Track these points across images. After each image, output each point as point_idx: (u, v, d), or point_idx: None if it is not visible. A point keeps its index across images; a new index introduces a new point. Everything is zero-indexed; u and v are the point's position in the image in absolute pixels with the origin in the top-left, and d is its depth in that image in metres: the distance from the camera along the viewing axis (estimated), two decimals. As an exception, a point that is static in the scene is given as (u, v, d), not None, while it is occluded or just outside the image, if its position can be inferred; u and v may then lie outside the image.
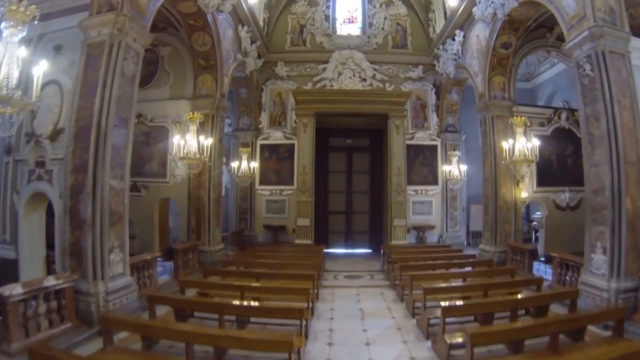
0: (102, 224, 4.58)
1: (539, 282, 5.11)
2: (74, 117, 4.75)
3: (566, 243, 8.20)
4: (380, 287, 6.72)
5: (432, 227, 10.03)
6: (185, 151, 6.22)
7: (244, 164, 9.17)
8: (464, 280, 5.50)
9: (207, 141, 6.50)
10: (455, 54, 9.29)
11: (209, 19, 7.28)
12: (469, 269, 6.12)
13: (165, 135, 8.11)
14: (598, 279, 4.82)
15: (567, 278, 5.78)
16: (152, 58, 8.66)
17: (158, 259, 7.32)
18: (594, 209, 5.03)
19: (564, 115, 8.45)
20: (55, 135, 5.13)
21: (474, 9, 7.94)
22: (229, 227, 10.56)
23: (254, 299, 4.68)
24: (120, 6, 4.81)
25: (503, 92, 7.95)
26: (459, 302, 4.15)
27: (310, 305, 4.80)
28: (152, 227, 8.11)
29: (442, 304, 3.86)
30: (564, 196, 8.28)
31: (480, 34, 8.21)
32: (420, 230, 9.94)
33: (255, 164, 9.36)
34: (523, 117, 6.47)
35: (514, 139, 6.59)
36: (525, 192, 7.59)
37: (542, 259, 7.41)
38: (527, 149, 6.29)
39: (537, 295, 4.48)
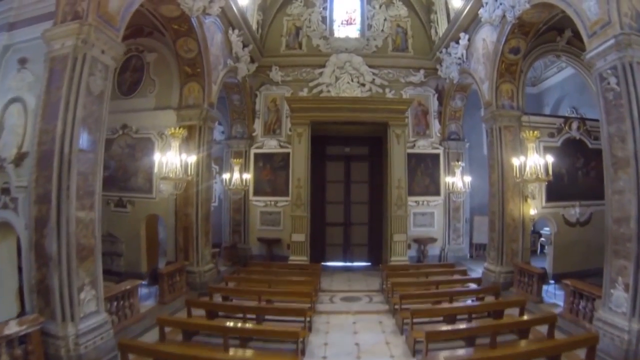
0: (69, 260, 4.05)
1: (552, 320, 4.55)
2: (36, 141, 4.19)
3: (576, 261, 7.65)
4: (379, 313, 6.19)
5: (433, 240, 9.47)
6: (167, 170, 5.64)
7: (236, 175, 8.59)
8: (470, 315, 4.95)
9: (191, 158, 5.90)
10: (460, 59, 8.61)
11: (194, 23, 6.63)
12: (474, 301, 5.54)
13: (151, 147, 7.52)
14: (618, 317, 4.27)
15: (581, 308, 5.24)
16: (138, 65, 8.03)
17: (143, 282, 6.83)
18: (616, 240, 4.45)
19: (574, 125, 7.80)
20: (19, 159, 4.56)
21: (481, 11, 7.25)
22: (222, 238, 10.04)
23: (242, 341, 4.16)
24: (85, 14, 4.20)
25: (511, 101, 7.30)
26: (463, 352, 3.61)
27: (301, 346, 4.29)
28: (138, 244, 7.58)
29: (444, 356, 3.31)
30: (574, 211, 7.68)
31: (487, 37, 7.53)
32: (422, 243, 9.38)
33: (248, 176, 8.79)
34: (535, 132, 5.84)
35: (525, 155, 5.98)
36: (534, 208, 7.00)
37: (552, 281, 6.84)
38: (540, 166, 5.68)
39: (551, 345, 3.91)
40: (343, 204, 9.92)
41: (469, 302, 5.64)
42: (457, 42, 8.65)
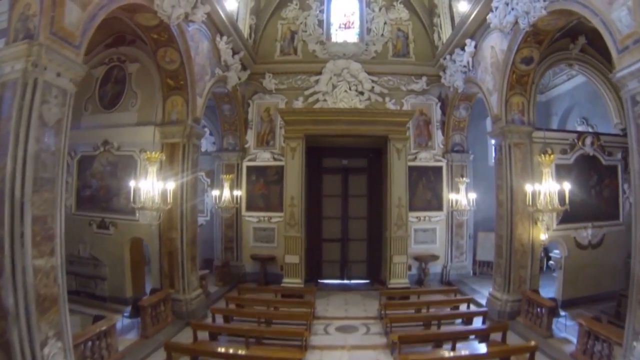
0: (28, 314, 3.51)
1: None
2: (-17, 180, 3.59)
3: (587, 285, 7.09)
4: (376, 348, 5.65)
5: (435, 258, 8.89)
6: (143, 199, 5.04)
7: (227, 192, 7.99)
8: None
9: (170, 185, 5.29)
10: (465, 67, 7.90)
11: (175, 32, 5.95)
12: (481, 349, 4.95)
13: (133, 166, 6.92)
14: (643, 374, 3.71)
15: (596, 351, 4.68)
16: (119, 76, 7.38)
17: (125, 313, 6.31)
18: (645, 288, 3.85)
19: (588, 141, 7.13)
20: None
21: (490, 16, 6.52)
22: (214, 254, 9.50)
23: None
24: (37, 32, 3.55)
25: (522, 115, 6.63)
26: None
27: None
28: (123, 268, 7.03)
29: None
30: (586, 233, 7.07)
31: (495, 45, 6.82)
32: (423, 261, 8.81)
33: (239, 192, 8.18)
34: (552, 155, 5.19)
35: (539, 179, 5.35)
36: (544, 233, 6.38)
37: (563, 314, 6.27)
38: (555, 193, 5.06)
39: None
40: (340, 219, 9.33)
41: (474, 344, 5.07)
42: (463, 49, 7.93)
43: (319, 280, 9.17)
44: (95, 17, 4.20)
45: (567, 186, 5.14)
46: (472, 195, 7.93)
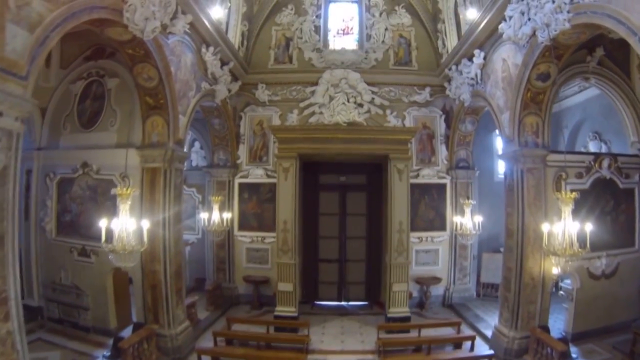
0: None
1: None
2: None
3: (599, 316, 6.51)
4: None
5: (437, 280, 8.32)
6: (116, 240, 4.44)
7: (216, 214, 7.38)
8: None
9: (145, 223, 4.69)
10: (473, 79, 7.18)
11: (151, 47, 5.25)
12: None
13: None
14: None
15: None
16: (98, 92, 6.72)
17: (105, 353, 5.78)
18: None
19: (605, 163, 6.45)
20: None
21: (502, 26, 5.78)
22: (205, 274, 8.95)
23: None
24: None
25: (536, 137, 5.95)
26: None
27: None
28: (105, 299, 6.49)
29: None
30: (600, 263, 6.46)
31: (508, 58, 6.10)
32: (424, 284, 8.25)
33: (229, 215, 7.55)
34: (574, 193, 4.53)
35: (554, 210, 4.72)
36: (557, 266, 5.77)
37: (575, 355, 5.71)
38: (575, 234, 4.43)
39: None
40: (338, 239, 8.72)
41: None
42: (470, 60, 7.20)
43: (315, 302, 8.65)
44: (47, 40, 3.52)
45: (589, 227, 4.50)
46: (479, 219, 7.30)
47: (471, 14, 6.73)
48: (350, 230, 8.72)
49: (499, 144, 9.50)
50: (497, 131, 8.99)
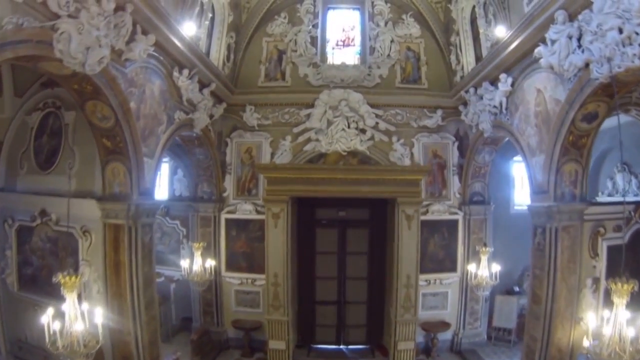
0: None
1: None
2: None
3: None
4: None
5: (446, 326, 7.32)
6: (64, 341, 3.38)
7: (198, 261, 6.28)
8: None
9: (98, 317, 3.61)
10: (496, 107, 5.96)
11: (101, 81, 4.03)
12: None
13: (75, 246, 5.17)
14: None
15: None
16: (55, 126, 5.51)
17: None
18: None
19: (648, 212, 5.32)
20: None
21: (540, 50, 4.52)
22: (192, 313, 7.92)
23: None
24: None
25: (574, 187, 4.81)
26: None
27: None
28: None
29: None
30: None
31: (544, 89, 4.88)
32: (432, 330, 7.24)
33: (213, 263, 6.45)
34: (631, 283, 3.42)
35: (590, 274, 3.64)
36: (588, 338, 4.73)
37: None
38: (625, 326, 3.36)
39: None
40: (337, 280, 7.66)
41: None
42: (493, 84, 5.97)
43: (312, 345, 7.68)
44: None
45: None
46: (496, 267, 6.22)
47: (499, 31, 5.44)
48: (351, 270, 7.64)
49: (516, 171, 8.36)
50: (515, 159, 7.87)
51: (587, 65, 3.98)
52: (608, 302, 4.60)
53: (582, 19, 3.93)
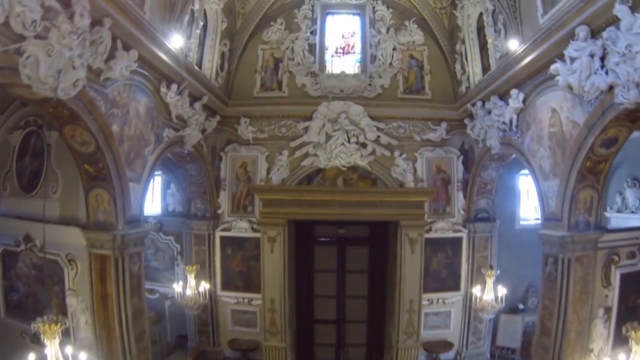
0: None
1: None
2: None
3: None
4: None
5: (449, 346, 7.06)
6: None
7: (192, 283, 5.96)
8: None
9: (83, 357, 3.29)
10: (505, 124, 5.58)
11: (77, 106, 3.65)
12: None
13: (60, 274, 4.86)
14: None
15: None
16: (38, 146, 5.17)
17: None
18: None
19: (666, 237, 4.99)
20: None
21: (557, 67, 4.13)
22: (187, 331, 7.64)
23: None
24: None
25: (588, 215, 4.48)
26: None
27: None
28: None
29: None
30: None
31: (560, 110, 4.51)
32: (433, 351, 6.98)
33: (207, 286, 6.13)
34: None
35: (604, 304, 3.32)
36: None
37: None
38: None
39: None
40: (336, 299, 7.38)
41: None
42: (502, 99, 5.59)
43: (310, 365, 7.46)
44: None
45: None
46: (503, 291, 5.92)
47: (512, 44, 5.03)
48: (350, 289, 7.35)
49: (522, 184, 8.01)
50: (522, 171, 7.51)
51: (610, 88, 3.60)
52: (619, 332, 4.36)
53: (607, 37, 3.53)
